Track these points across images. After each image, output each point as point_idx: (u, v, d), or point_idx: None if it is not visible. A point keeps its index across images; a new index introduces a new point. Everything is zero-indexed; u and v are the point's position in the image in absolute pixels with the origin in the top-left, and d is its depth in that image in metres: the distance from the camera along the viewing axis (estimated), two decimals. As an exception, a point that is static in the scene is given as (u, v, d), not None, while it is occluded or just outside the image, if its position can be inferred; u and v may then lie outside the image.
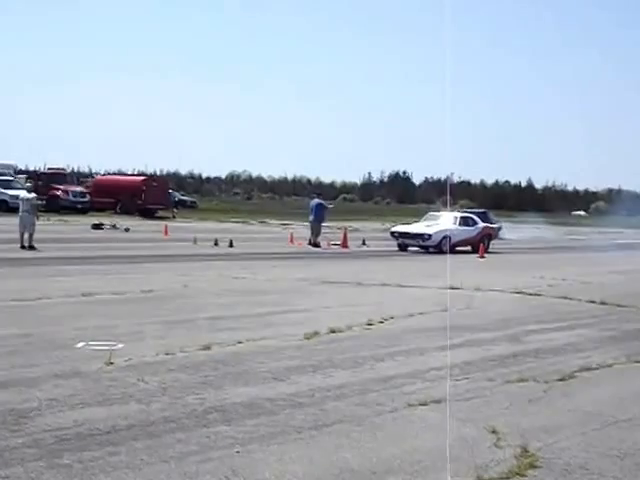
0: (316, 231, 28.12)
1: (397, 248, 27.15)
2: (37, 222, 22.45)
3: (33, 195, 22.88)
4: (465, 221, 28.41)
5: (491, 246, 28.55)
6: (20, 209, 22.29)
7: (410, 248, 26.99)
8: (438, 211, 32.92)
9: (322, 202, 29.11)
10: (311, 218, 28.47)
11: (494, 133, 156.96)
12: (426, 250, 26.48)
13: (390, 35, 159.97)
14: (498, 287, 15.41)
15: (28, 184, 25.99)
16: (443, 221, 27.93)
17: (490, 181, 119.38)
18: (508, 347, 9.25)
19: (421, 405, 6.40)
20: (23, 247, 21.13)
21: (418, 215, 32.51)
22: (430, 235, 26.45)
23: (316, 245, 27.47)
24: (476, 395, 6.85)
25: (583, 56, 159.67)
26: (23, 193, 23.53)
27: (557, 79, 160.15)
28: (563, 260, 25.61)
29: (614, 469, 5.14)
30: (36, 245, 21.22)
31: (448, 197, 67.66)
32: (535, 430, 5.83)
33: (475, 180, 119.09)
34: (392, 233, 28.26)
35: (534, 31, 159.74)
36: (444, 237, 26.26)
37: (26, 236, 21.46)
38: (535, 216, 58.91)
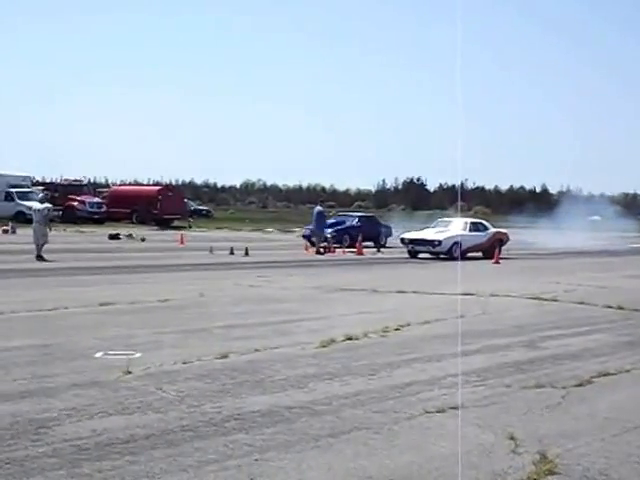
0: (318, 238, 28.21)
1: (407, 255, 27.06)
2: (49, 233, 22.50)
3: (44, 206, 22.91)
4: (475, 227, 28.28)
5: (505, 252, 28.38)
6: (33, 220, 22.45)
7: (421, 255, 26.87)
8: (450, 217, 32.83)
9: (322, 210, 29.31)
10: (313, 225, 28.67)
11: (508, 139, 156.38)
12: (437, 256, 26.37)
13: (403, 44, 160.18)
14: (514, 293, 15.36)
15: (40, 195, 26.11)
16: (453, 227, 27.80)
17: (505, 187, 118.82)
18: (525, 353, 9.23)
19: (438, 412, 6.39)
20: (39, 258, 21.24)
21: (431, 222, 32.43)
22: (440, 241, 26.32)
23: (318, 252, 27.46)
24: (494, 401, 6.84)
25: (598, 62, 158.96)
26: (35, 204, 23.67)
27: (570, 84, 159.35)
28: (578, 265, 25.49)
29: (634, 475, 5.12)
30: (49, 257, 21.16)
31: (459, 203, 67.38)
32: (553, 436, 5.81)
33: (489, 186, 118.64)
34: (402, 240, 28.17)
35: (546, 37, 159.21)
36: (454, 243, 26.17)
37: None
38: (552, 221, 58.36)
